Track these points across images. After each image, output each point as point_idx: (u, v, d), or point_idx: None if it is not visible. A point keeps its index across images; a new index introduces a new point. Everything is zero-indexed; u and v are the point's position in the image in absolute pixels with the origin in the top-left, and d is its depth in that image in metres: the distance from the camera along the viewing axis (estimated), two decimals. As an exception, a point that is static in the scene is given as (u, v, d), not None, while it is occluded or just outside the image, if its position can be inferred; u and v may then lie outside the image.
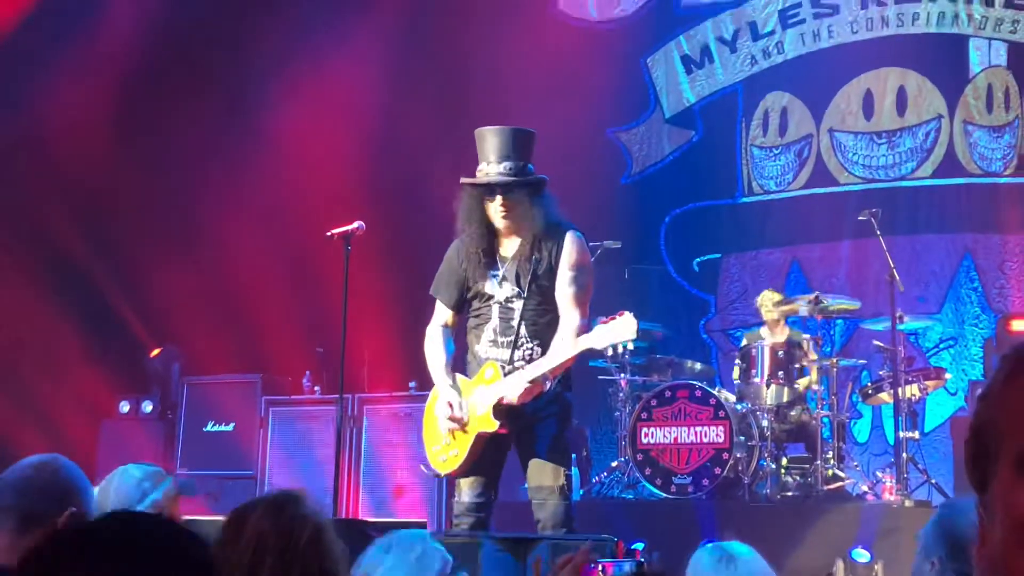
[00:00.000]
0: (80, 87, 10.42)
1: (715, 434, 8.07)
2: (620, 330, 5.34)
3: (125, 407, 10.20)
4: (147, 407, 10.20)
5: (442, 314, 5.88)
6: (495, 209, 5.61)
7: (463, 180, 5.74)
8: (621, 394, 8.78)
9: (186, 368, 10.46)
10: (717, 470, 8.01)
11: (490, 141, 5.68)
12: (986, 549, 1.13)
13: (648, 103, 11.69)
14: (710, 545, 3.33)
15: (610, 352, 5.71)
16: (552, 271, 5.62)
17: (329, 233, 6.84)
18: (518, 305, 5.63)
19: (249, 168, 10.82)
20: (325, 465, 8.51)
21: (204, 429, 9.82)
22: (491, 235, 5.72)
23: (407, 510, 8.71)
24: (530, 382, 5.43)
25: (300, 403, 9.64)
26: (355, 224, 6.79)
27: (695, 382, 8.43)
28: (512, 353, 5.59)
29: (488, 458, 5.66)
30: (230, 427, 9.76)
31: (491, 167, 5.63)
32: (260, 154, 10.84)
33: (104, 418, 10.07)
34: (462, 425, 5.59)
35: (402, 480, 8.90)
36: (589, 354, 8.13)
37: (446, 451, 5.70)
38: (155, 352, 10.64)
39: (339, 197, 9.32)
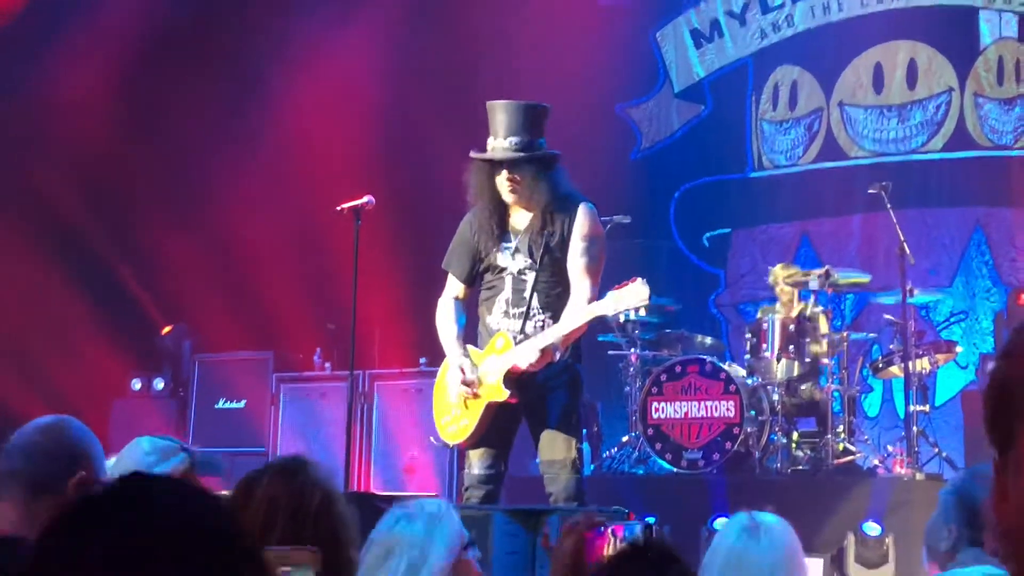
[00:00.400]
0: (88, 64, 10.41)
1: (725, 409, 8.07)
2: (631, 296, 5.35)
3: (137, 385, 10.24)
4: (159, 385, 10.24)
5: (454, 287, 5.91)
6: (502, 184, 5.62)
7: (472, 154, 5.75)
8: (631, 369, 8.78)
9: (197, 345, 10.49)
10: (728, 444, 8.01)
11: (499, 116, 5.69)
12: (1008, 505, 1.12)
13: (657, 78, 11.65)
14: (742, 514, 3.33)
15: (620, 322, 5.71)
16: (564, 243, 5.63)
17: (338, 208, 6.84)
18: (530, 277, 5.66)
19: (259, 144, 10.82)
20: (337, 441, 8.55)
21: (216, 406, 9.86)
22: (502, 208, 5.74)
23: (418, 485, 8.74)
24: (541, 350, 5.44)
25: (311, 380, 9.67)
26: (364, 198, 6.78)
27: (705, 357, 8.43)
28: (524, 324, 5.61)
29: (498, 429, 5.67)
30: (242, 404, 9.80)
31: (498, 142, 5.65)
32: (269, 129, 10.83)
33: (116, 396, 10.11)
34: (474, 390, 5.60)
35: (413, 455, 8.92)
36: (599, 328, 8.15)
37: (456, 422, 5.73)
38: (166, 330, 10.67)
39: (349, 172, 9.31)
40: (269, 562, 1.76)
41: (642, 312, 5.40)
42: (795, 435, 8.40)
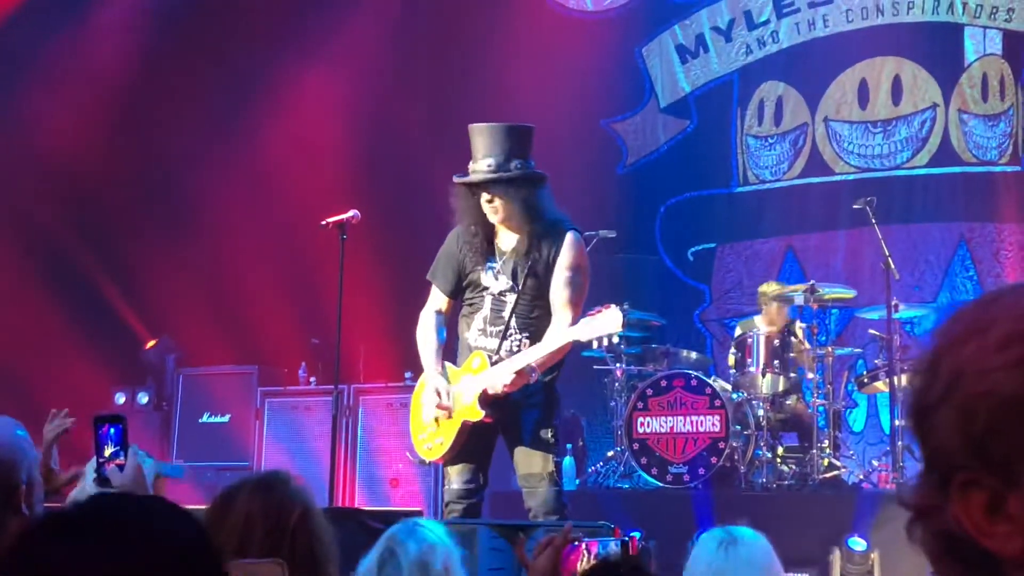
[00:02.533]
0: (73, 81, 10.40)
1: (711, 423, 8.07)
2: (604, 323, 5.36)
3: (120, 399, 10.20)
4: (143, 399, 10.20)
5: (437, 300, 5.91)
6: (485, 206, 5.64)
7: (454, 179, 5.78)
8: (617, 384, 8.78)
9: (181, 360, 10.45)
10: (713, 459, 8.01)
11: (478, 138, 5.72)
12: None
13: (643, 93, 11.67)
14: (718, 529, 3.34)
15: (604, 343, 5.73)
16: (548, 269, 5.64)
17: (323, 222, 6.83)
18: (511, 299, 5.67)
19: (244, 158, 10.80)
20: (321, 455, 8.52)
21: (200, 420, 9.83)
22: (489, 228, 5.74)
23: (403, 500, 8.72)
24: (516, 372, 5.44)
25: (296, 394, 9.65)
26: (350, 213, 6.78)
27: (691, 371, 8.43)
28: (500, 343, 5.62)
29: (475, 445, 5.69)
30: (226, 418, 9.77)
31: (477, 164, 5.69)
32: (255, 144, 10.82)
33: (100, 410, 10.04)
34: (448, 413, 5.62)
35: (398, 470, 8.91)
36: (584, 344, 8.15)
37: (432, 439, 5.74)
38: (150, 344, 10.64)
39: (335, 186, 9.32)
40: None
41: (615, 339, 5.42)
42: (780, 450, 8.41)
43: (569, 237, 5.66)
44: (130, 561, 1.30)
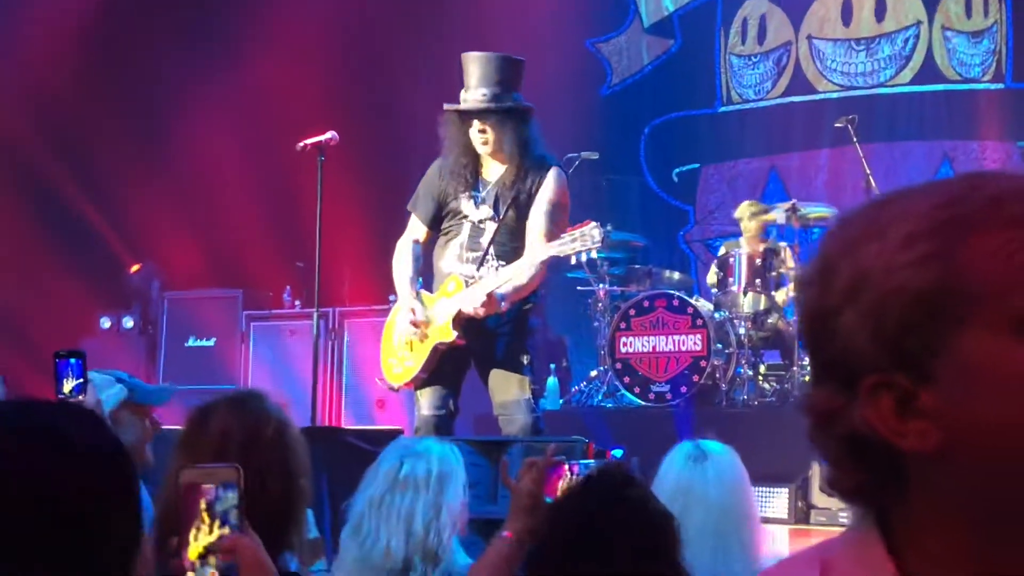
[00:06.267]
0: (53, 6, 10.31)
1: (693, 342, 8.12)
2: (584, 238, 5.37)
3: (106, 323, 10.21)
4: (128, 323, 10.21)
5: (416, 229, 5.93)
6: (475, 135, 5.64)
7: (445, 107, 5.77)
8: (600, 304, 8.82)
9: (166, 284, 10.46)
10: (695, 377, 8.07)
11: (472, 67, 5.72)
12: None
13: (627, 13, 11.60)
14: (688, 442, 3.39)
15: (584, 260, 5.73)
16: (530, 203, 5.66)
17: (300, 144, 6.79)
18: (490, 227, 5.69)
19: (225, 81, 10.72)
20: (307, 378, 8.53)
21: (186, 344, 9.84)
22: (476, 159, 5.75)
23: (390, 421, 8.77)
24: (488, 294, 5.45)
25: (281, 317, 9.66)
26: (328, 134, 6.74)
27: (673, 292, 8.46)
28: (478, 269, 5.64)
29: (447, 371, 5.71)
30: (211, 342, 9.79)
31: (470, 93, 5.69)
32: (236, 66, 10.73)
33: (85, 335, 10.08)
34: (424, 331, 5.64)
35: (383, 391, 8.95)
36: (568, 265, 8.17)
37: (401, 363, 5.78)
38: (135, 268, 10.63)
39: (316, 109, 9.26)
40: (194, 479, 1.79)
41: (594, 254, 5.43)
42: (762, 368, 8.48)
43: (553, 172, 5.70)
44: (37, 464, 1.32)
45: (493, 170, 5.75)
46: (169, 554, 1.93)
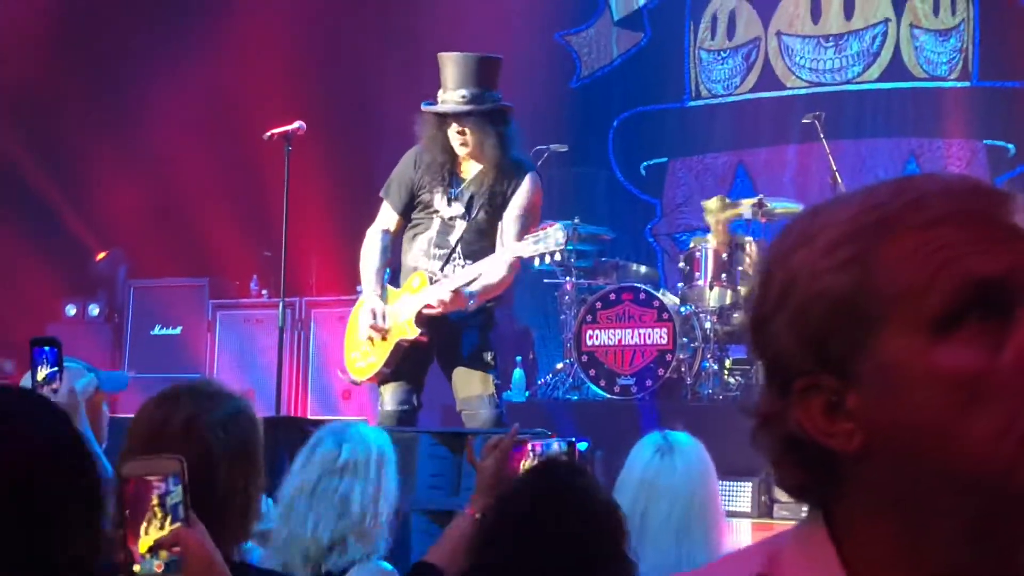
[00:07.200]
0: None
1: (659, 336, 8.14)
2: (548, 240, 5.40)
3: (71, 310, 10.16)
4: (93, 311, 10.17)
5: (387, 218, 5.92)
6: (453, 136, 5.65)
7: (422, 107, 5.77)
8: (567, 297, 8.84)
9: (132, 271, 10.42)
10: (660, 371, 8.10)
11: (449, 68, 5.71)
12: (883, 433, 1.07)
13: (597, 5, 11.61)
14: (656, 434, 3.40)
15: (547, 260, 5.76)
16: (504, 205, 5.67)
17: (267, 134, 6.79)
18: (460, 225, 5.70)
19: (193, 67, 10.68)
20: (272, 368, 8.53)
21: (151, 332, 9.81)
22: (453, 158, 5.76)
23: (355, 412, 8.77)
24: (453, 291, 5.47)
25: (248, 307, 9.65)
26: (295, 124, 6.74)
27: (639, 285, 8.48)
28: (444, 266, 5.65)
29: (408, 365, 5.72)
30: (178, 331, 9.76)
31: (448, 94, 5.69)
32: (204, 56, 10.69)
33: (50, 321, 10.03)
34: (383, 334, 5.65)
35: (349, 382, 8.95)
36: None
37: (364, 357, 5.79)
38: (101, 255, 10.58)
39: (282, 98, 9.24)
40: (136, 471, 1.79)
41: (558, 256, 5.48)
42: (727, 362, 8.51)
43: (529, 177, 5.72)
44: None
45: (470, 168, 5.77)
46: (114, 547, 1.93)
